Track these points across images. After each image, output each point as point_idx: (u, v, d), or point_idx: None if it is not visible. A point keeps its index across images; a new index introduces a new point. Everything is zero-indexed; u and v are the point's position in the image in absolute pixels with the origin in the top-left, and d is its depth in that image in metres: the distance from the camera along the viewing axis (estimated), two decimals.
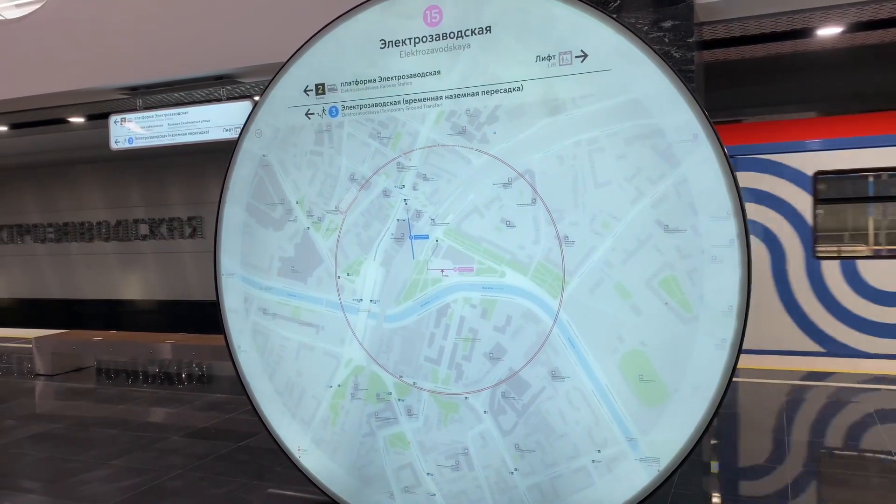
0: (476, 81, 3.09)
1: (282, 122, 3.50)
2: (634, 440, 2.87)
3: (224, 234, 3.64)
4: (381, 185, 3.29)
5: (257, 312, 3.58)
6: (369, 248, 3.33)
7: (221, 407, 6.36)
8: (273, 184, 3.52)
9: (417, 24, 3.18)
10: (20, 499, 4.31)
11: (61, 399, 6.88)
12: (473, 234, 3.11)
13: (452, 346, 3.16)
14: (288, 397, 3.52)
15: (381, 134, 3.29)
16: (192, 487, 4.42)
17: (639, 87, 2.81)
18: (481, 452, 3.13)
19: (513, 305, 3.04)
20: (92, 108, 8.91)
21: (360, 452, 3.37)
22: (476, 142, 3.09)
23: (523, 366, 3.03)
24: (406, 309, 3.26)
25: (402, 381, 3.27)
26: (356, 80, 3.33)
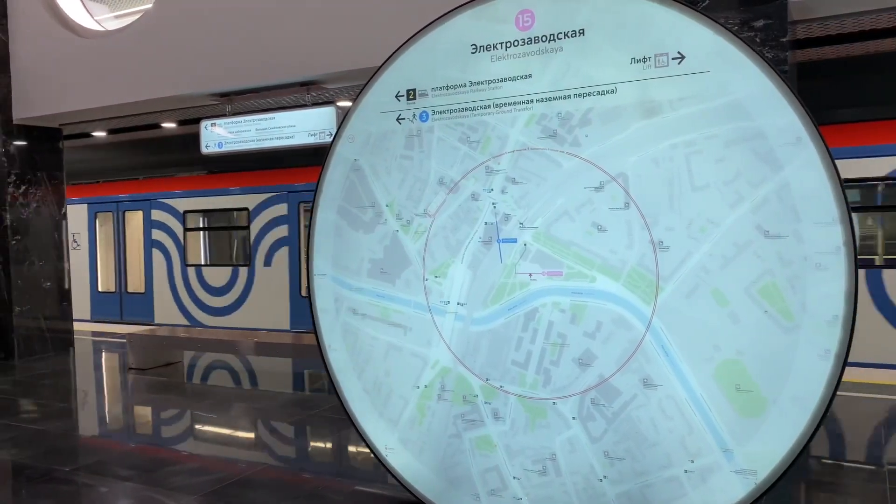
0: (568, 84, 3.07)
1: (373, 127, 3.57)
2: (730, 451, 2.79)
3: (317, 235, 3.74)
4: (469, 189, 3.31)
5: (347, 312, 3.66)
6: (457, 251, 3.36)
7: (304, 404, 6.52)
8: (364, 187, 3.60)
9: (509, 28, 3.19)
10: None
11: (152, 392, 7.20)
12: (563, 238, 3.09)
13: (540, 351, 3.15)
14: (376, 396, 3.58)
15: (470, 138, 3.31)
16: (277, 482, 4.54)
17: (739, 89, 2.74)
18: (569, 458, 3.11)
19: (604, 311, 3.01)
20: (184, 114, 9.29)
21: (446, 453, 3.40)
22: (567, 145, 3.07)
23: (614, 373, 2.99)
24: (493, 312, 3.27)
25: (488, 384, 3.28)
26: (447, 85, 3.37)
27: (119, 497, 4.32)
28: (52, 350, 9.02)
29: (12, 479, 4.75)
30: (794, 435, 2.69)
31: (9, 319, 8.65)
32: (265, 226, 12.39)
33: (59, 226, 9.13)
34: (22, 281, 8.71)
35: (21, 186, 8.70)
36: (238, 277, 12.80)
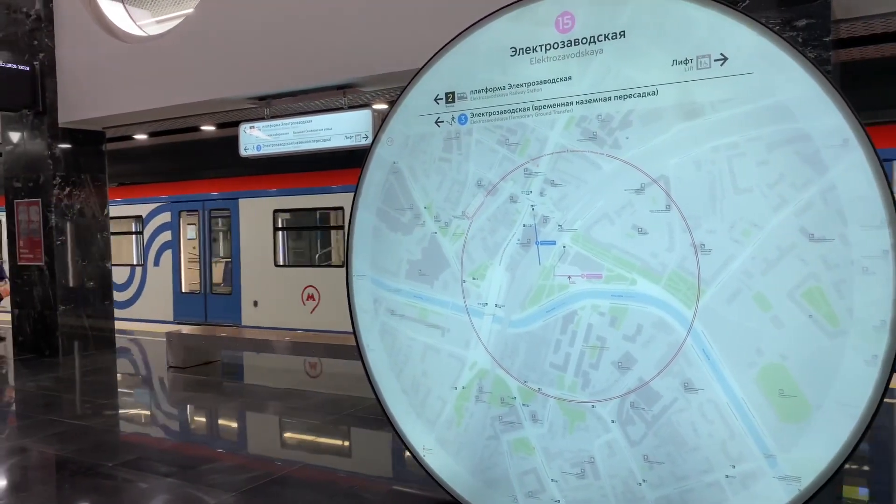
0: (608, 86, 3.06)
1: (412, 129, 3.60)
2: (773, 457, 2.76)
3: (356, 237, 3.78)
4: (507, 191, 3.32)
5: (385, 313, 3.69)
6: (495, 253, 3.37)
7: (339, 403, 6.57)
8: (402, 189, 3.63)
9: (549, 31, 3.20)
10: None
11: (191, 390, 7.33)
12: (603, 241, 3.08)
13: (579, 354, 3.14)
14: (414, 396, 3.60)
15: (508, 140, 3.32)
16: (314, 481, 4.59)
17: (783, 91, 2.71)
18: (608, 462, 3.10)
19: (644, 314, 2.99)
20: (223, 117, 9.44)
21: (483, 455, 3.41)
22: (607, 147, 3.06)
23: (654, 376, 2.97)
24: (531, 314, 3.27)
25: (526, 386, 3.28)
26: (485, 88, 3.38)
27: (160, 493, 4.41)
28: (94, 348, 9.24)
29: (59, 474, 4.88)
30: (840, 441, 2.64)
31: (53, 318, 8.88)
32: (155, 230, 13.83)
33: (102, 226, 9.34)
34: (66, 280, 8.94)
35: (66, 188, 8.93)
36: (135, 275, 14.30)
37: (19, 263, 9.16)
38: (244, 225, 12.40)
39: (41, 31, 8.75)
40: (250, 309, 12.48)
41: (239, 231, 12.42)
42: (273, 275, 12.21)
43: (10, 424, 6.21)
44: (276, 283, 12.16)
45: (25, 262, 9.09)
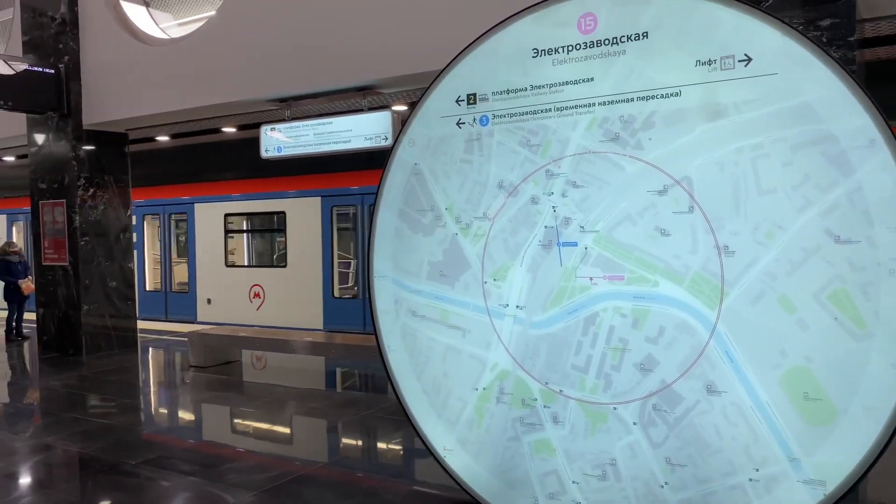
0: (631, 87, 3.06)
1: (434, 131, 3.61)
2: (797, 460, 2.73)
3: (377, 238, 3.80)
4: (529, 193, 3.32)
5: (407, 314, 3.70)
6: (516, 255, 3.37)
7: (359, 404, 6.60)
8: (424, 191, 3.64)
9: (571, 32, 3.19)
10: None
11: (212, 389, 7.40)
12: (625, 242, 3.07)
13: (601, 356, 3.14)
14: (434, 397, 3.61)
15: (530, 142, 3.32)
16: (334, 481, 4.61)
17: (809, 91, 2.69)
18: (630, 464, 3.08)
19: (666, 316, 2.98)
20: (244, 119, 9.51)
21: (504, 456, 3.41)
22: (630, 148, 3.06)
23: (676, 378, 2.96)
24: (553, 316, 3.27)
25: (547, 387, 3.28)
26: (507, 90, 3.39)
27: (182, 491, 4.45)
28: (116, 347, 9.35)
29: (84, 471, 4.95)
30: (866, 446, 2.61)
31: (77, 317, 9.00)
32: None
33: (125, 227, 9.45)
34: (89, 280, 9.05)
35: (90, 189, 9.05)
36: None
37: (44, 263, 9.29)
38: (199, 228, 13.19)
39: (66, 34, 8.87)
40: (205, 306, 13.25)
41: (195, 234, 13.16)
42: (224, 274, 13.08)
43: (35, 422, 6.30)
44: (226, 282, 13.02)
45: (50, 262, 9.21)
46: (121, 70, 8.60)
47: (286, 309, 12.32)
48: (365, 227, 11.78)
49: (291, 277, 12.36)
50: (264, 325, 11.70)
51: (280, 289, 12.50)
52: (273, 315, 12.33)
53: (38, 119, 9.17)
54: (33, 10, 9.10)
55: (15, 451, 5.36)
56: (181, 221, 13.78)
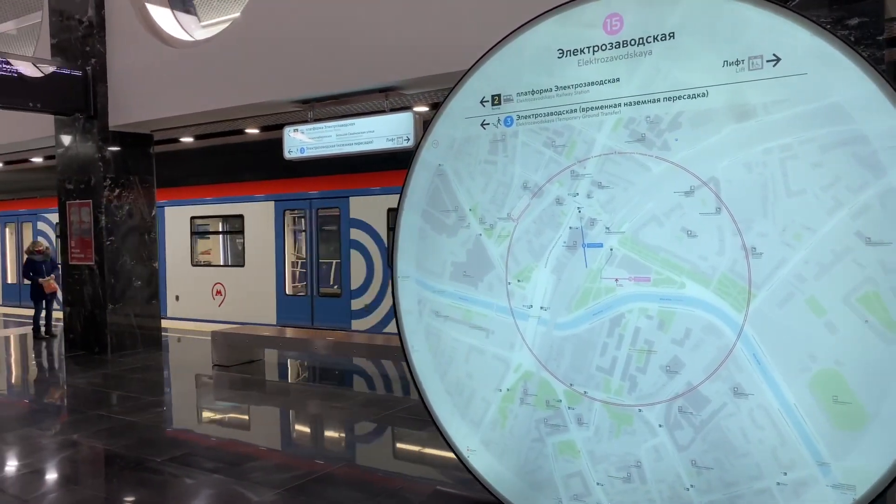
0: (657, 88, 3.04)
1: (458, 132, 3.62)
2: (826, 465, 2.70)
3: (401, 239, 3.81)
4: (554, 193, 3.32)
5: (430, 314, 3.71)
6: (540, 256, 3.36)
7: (381, 404, 6.62)
8: (448, 192, 3.65)
9: (597, 32, 3.18)
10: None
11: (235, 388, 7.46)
12: (651, 244, 3.06)
13: (626, 357, 3.12)
14: (458, 398, 3.62)
15: (555, 142, 3.32)
16: (357, 480, 4.64)
17: (839, 92, 2.66)
18: (655, 466, 3.07)
19: (693, 318, 2.96)
20: (267, 120, 9.58)
21: (528, 457, 3.40)
22: (656, 149, 3.04)
23: (703, 381, 2.94)
24: (577, 317, 3.26)
25: (572, 389, 3.27)
26: (532, 90, 3.38)
27: (206, 488, 4.50)
28: (141, 346, 9.46)
29: (110, 468, 5.01)
30: None
31: (103, 316, 9.12)
32: None
33: (150, 227, 9.57)
34: (115, 280, 9.17)
35: (115, 190, 9.16)
36: None
37: (71, 263, 9.43)
38: (169, 229, 14.36)
39: (93, 37, 9.00)
40: (173, 303, 14.45)
41: (165, 235, 14.14)
42: (190, 273, 14.33)
43: (62, 419, 6.40)
44: (192, 280, 14.22)
45: (76, 261, 9.35)
46: (146, 72, 8.70)
47: (244, 305, 13.37)
48: (313, 229, 12.80)
49: (248, 276, 13.39)
50: (225, 320, 12.66)
51: (239, 286, 13.54)
52: (233, 311, 13.38)
53: (66, 120, 9.31)
54: (61, 14, 9.24)
55: (42, 448, 5.44)
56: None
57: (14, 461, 5.18)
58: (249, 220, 13.45)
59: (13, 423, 6.17)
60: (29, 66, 8.56)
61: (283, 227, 13.15)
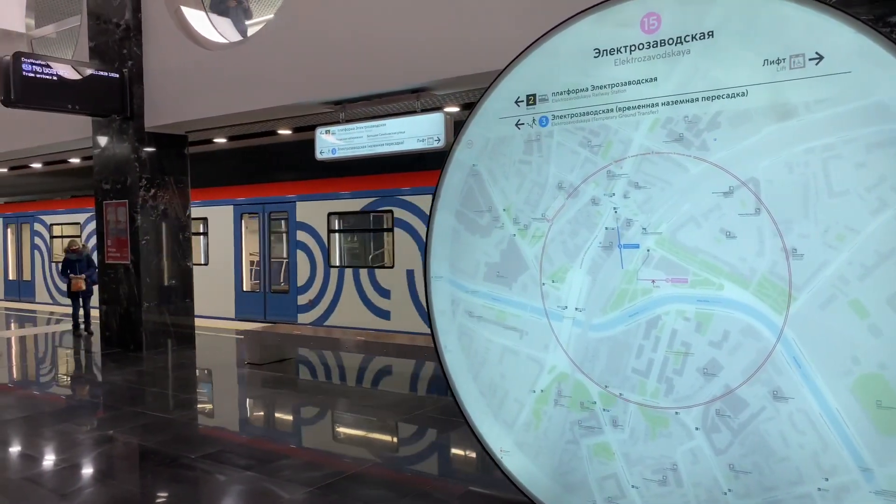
0: (695, 87, 3.01)
1: (492, 132, 3.62)
2: (870, 471, 2.65)
3: (434, 239, 3.82)
4: (589, 194, 3.30)
5: (463, 315, 3.71)
6: (575, 256, 3.34)
7: (410, 403, 6.64)
8: (482, 192, 3.64)
9: (634, 31, 3.16)
10: None
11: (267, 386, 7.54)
12: (688, 245, 3.02)
13: (662, 359, 3.09)
14: (491, 398, 3.61)
15: (591, 142, 3.30)
16: (387, 480, 4.65)
17: (884, 90, 2.60)
18: (691, 469, 3.03)
19: (731, 320, 2.92)
20: (299, 122, 9.66)
21: (562, 459, 3.39)
22: (694, 149, 3.01)
23: (741, 384, 2.90)
24: (613, 318, 3.24)
25: (607, 391, 3.25)
26: (568, 90, 3.37)
27: (239, 485, 4.55)
28: (175, 344, 9.60)
29: (144, 463, 5.10)
30: None
31: (138, 314, 9.27)
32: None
33: (184, 227, 9.71)
34: (150, 278, 9.33)
35: (150, 190, 9.32)
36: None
37: (107, 261, 9.60)
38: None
39: (130, 40, 9.16)
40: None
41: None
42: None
43: (99, 415, 6.52)
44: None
45: (112, 260, 9.52)
46: (181, 74, 8.83)
47: (208, 301, 14.15)
48: (265, 231, 14.26)
49: (211, 274, 14.64)
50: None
51: (203, 283, 14.18)
52: (197, 306, 14.40)
53: (102, 122, 9.49)
54: (98, 17, 9.42)
55: (79, 443, 5.55)
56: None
57: (52, 456, 5.30)
58: (213, 222, 14.88)
59: (51, 419, 6.30)
60: (68, 69, 8.74)
61: (241, 229, 14.56)
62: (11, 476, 4.79)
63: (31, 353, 10.37)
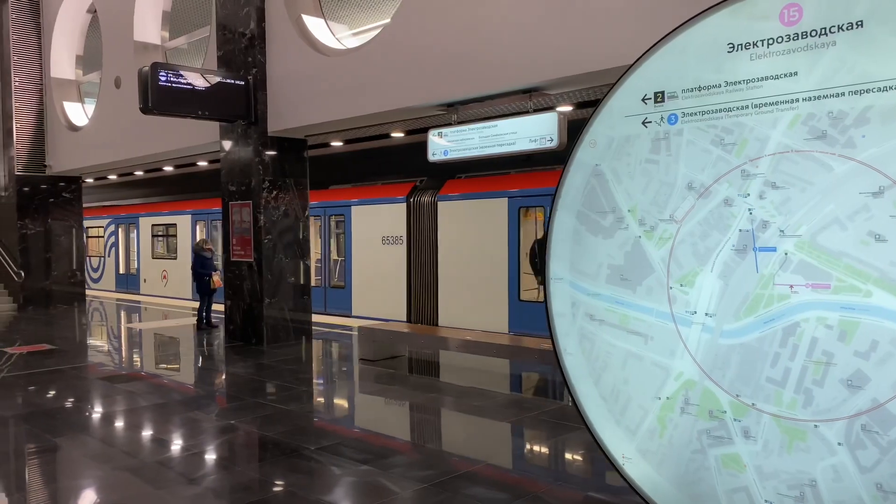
0: (841, 81, 2.83)
1: (617, 131, 3.54)
2: None
3: (554, 240, 3.78)
4: (722, 194, 3.16)
5: (584, 317, 3.65)
6: (706, 260, 3.22)
7: (521, 405, 6.61)
8: (605, 192, 3.57)
9: (772, 24, 3.01)
10: None
11: (380, 382, 7.71)
12: (832, 248, 2.84)
13: (801, 369, 2.92)
14: (613, 404, 3.54)
15: (724, 140, 3.17)
16: (499, 481, 4.64)
17: None
18: (832, 487, 2.85)
19: (880, 329, 2.72)
20: (412, 124, 9.83)
21: (688, 468, 3.27)
22: (839, 147, 2.83)
23: (891, 398, 2.69)
24: (746, 325, 3.09)
25: (738, 400, 3.11)
26: (698, 87, 3.25)
27: (354, 478, 4.67)
28: (293, 339, 10.00)
29: (267, 453, 5.32)
30: None
31: (260, 310, 9.73)
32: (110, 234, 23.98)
33: (303, 226, 10.10)
34: (271, 276, 9.76)
35: (272, 192, 9.75)
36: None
37: (232, 259, 10.13)
38: (142, 233, 21.52)
39: (254, 48, 9.62)
40: (143, 284, 21.36)
41: (139, 237, 21.63)
42: (151, 263, 21.22)
43: (221, 405, 6.88)
44: (152, 268, 21.12)
45: (237, 258, 10.03)
46: (301, 79, 9.19)
47: (175, 285, 19.69)
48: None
49: (179, 266, 19.50)
50: (168, 296, 19.09)
51: (174, 273, 20.04)
52: (171, 290, 19.90)
53: (228, 127, 10.02)
54: (226, 28, 9.95)
55: (205, 431, 5.88)
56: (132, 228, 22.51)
57: (180, 442, 5.63)
58: (180, 227, 19.76)
59: (181, 407, 6.71)
60: (198, 78, 9.28)
61: (196, 232, 19.12)
62: (146, 459, 5.13)
63: (161, 345, 11.09)
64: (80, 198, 16.08)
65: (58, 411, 6.60)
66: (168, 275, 20.57)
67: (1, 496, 4.57)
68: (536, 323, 10.41)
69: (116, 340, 11.69)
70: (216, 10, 10.10)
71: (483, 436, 5.88)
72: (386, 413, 6.86)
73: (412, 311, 13.20)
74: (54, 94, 15.08)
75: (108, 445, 5.56)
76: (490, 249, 11.88)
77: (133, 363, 9.48)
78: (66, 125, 14.88)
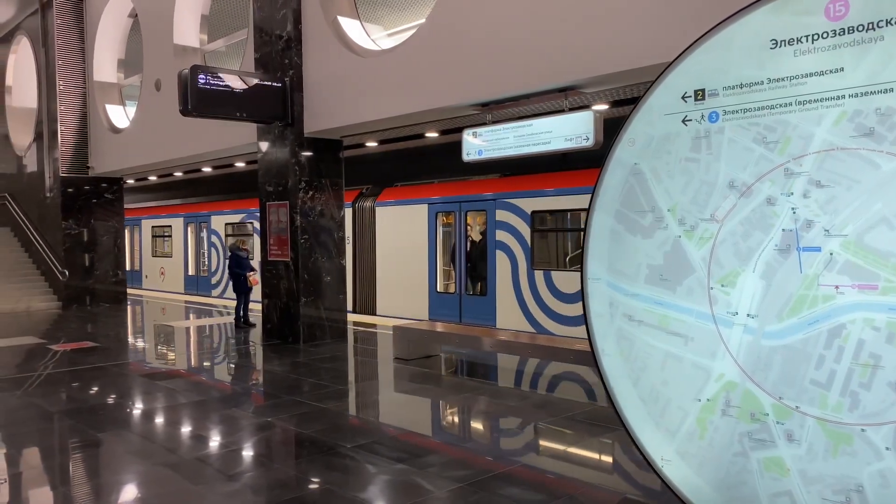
0: (890, 77, 2.75)
1: (656, 130, 3.50)
2: None
3: (592, 239, 3.75)
4: (764, 193, 3.11)
5: (622, 318, 3.62)
6: (748, 260, 3.16)
7: (556, 406, 6.57)
8: (644, 191, 3.54)
9: (817, 19, 2.95)
10: None
11: (415, 381, 7.73)
12: (880, 248, 2.77)
13: (847, 372, 2.86)
14: (652, 405, 3.50)
15: (766, 138, 3.11)
16: (535, 482, 4.62)
17: None
18: (880, 493, 2.78)
19: None
20: (446, 124, 9.85)
21: (729, 471, 3.22)
22: (888, 144, 2.75)
23: None
24: (790, 326, 3.03)
25: (781, 403, 3.05)
26: (740, 84, 3.19)
27: (390, 476, 4.69)
28: (329, 337, 10.09)
29: (304, 450, 5.38)
30: None
31: (296, 308, 9.83)
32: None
33: (339, 226, 10.18)
34: (308, 275, 9.86)
35: (309, 192, 9.84)
36: None
37: (269, 258, 10.26)
38: (144, 235, 23.71)
39: (291, 50, 9.73)
40: (145, 280, 23.46)
41: (142, 238, 23.80)
42: (152, 261, 23.35)
43: (259, 403, 6.97)
44: (153, 265, 23.29)
45: (274, 257, 10.15)
46: (337, 81, 9.27)
47: (171, 280, 21.99)
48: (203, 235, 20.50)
49: (174, 263, 21.97)
50: (165, 290, 21.43)
51: (169, 269, 22.29)
52: (167, 284, 22.13)
53: (265, 128, 10.14)
54: (263, 30, 10.08)
55: (243, 428, 5.96)
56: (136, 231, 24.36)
57: (218, 438, 5.72)
58: (174, 228, 21.87)
59: (218, 404, 6.81)
60: (236, 80, 9.41)
61: (187, 233, 21.17)
62: (185, 456, 5.22)
63: (200, 343, 11.27)
64: (122, 198, 16.43)
65: (100, 407, 6.76)
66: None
67: (46, 489, 4.70)
68: (449, 311, 13.22)
69: (156, 338, 11.92)
70: (253, 12, 10.24)
71: (518, 436, 5.86)
72: (421, 412, 6.87)
73: (357, 302, 14.97)
74: (97, 97, 15.44)
75: (148, 441, 5.67)
76: (415, 248, 13.84)
77: (172, 361, 9.66)
78: (108, 127, 15.23)
